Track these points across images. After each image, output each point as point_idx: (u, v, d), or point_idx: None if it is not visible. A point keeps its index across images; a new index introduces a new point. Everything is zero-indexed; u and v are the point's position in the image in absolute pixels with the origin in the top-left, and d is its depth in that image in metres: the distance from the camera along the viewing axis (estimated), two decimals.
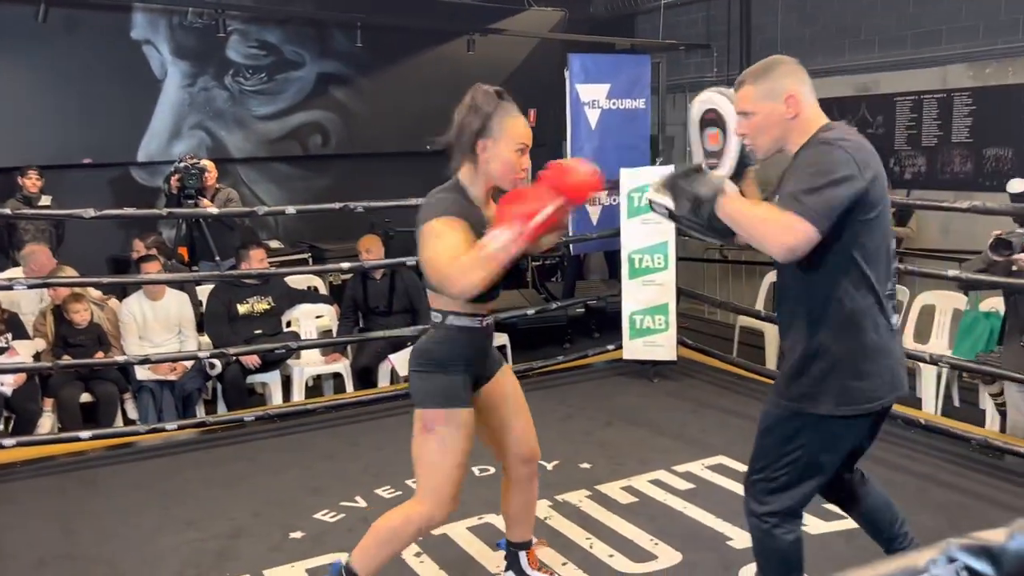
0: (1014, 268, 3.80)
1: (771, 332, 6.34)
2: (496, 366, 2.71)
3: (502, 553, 3.06)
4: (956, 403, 5.56)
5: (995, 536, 0.73)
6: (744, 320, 6.71)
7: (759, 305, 6.43)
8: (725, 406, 4.83)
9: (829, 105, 8.51)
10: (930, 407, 5.22)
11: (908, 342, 5.35)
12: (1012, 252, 3.66)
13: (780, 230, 2.14)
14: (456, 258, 2.27)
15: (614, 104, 5.29)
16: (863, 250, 2.24)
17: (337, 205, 4.53)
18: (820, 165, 2.18)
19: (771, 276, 6.92)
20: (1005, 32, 6.95)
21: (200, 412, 5.40)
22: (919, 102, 7.59)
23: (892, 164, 7.81)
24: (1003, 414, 4.53)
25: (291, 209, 4.56)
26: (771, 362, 6.13)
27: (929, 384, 5.43)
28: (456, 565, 3.19)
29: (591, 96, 5.25)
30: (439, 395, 2.46)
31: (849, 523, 3.37)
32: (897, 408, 4.55)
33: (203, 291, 5.99)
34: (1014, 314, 3.98)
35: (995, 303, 4.71)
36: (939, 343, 5.50)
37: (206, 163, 6.37)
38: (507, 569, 3.00)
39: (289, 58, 7.87)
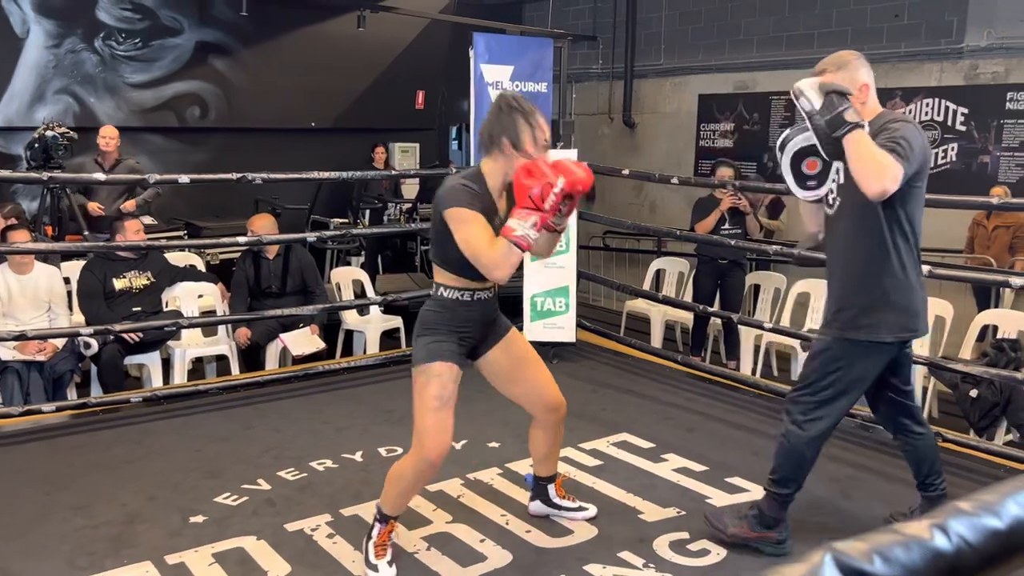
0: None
1: (657, 316, 6.54)
2: (502, 331, 3.01)
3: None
4: None
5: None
6: (631, 305, 6.89)
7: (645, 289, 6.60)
8: (623, 386, 4.93)
9: (708, 102, 8.85)
10: None
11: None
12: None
13: (886, 174, 2.55)
14: (491, 246, 2.63)
15: (517, 86, 5.28)
16: (909, 209, 2.75)
17: (234, 176, 4.31)
18: (910, 136, 2.65)
19: (656, 263, 7.13)
20: (871, 39, 7.42)
21: (71, 395, 5.03)
22: (792, 102, 7.99)
23: (766, 160, 8.21)
24: None
25: (184, 178, 4.30)
26: (657, 342, 6.32)
27: None
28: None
29: (495, 77, 5.22)
30: (422, 353, 2.83)
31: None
32: (784, 387, 4.80)
33: (67, 269, 5.59)
34: None
35: None
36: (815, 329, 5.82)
37: (112, 130, 5.99)
38: (533, 499, 3.35)
39: (166, 24, 7.45)
